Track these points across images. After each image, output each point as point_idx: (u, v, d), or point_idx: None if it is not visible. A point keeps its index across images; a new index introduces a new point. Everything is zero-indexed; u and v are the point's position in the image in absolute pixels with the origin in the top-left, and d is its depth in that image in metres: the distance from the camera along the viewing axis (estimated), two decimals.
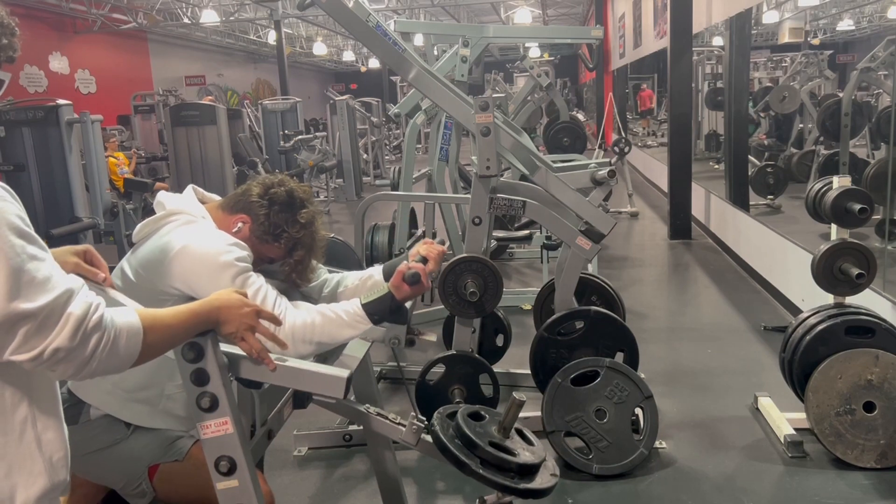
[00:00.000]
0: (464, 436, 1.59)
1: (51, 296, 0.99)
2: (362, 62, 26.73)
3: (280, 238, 1.80)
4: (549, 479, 1.62)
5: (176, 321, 1.24)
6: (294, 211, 1.81)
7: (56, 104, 5.34)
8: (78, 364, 1.04)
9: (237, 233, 1.79)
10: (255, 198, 1.81)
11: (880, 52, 6.31)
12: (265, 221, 1.79)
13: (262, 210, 1.79)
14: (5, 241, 0.95)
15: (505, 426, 1.64)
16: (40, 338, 0.99)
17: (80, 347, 1.02)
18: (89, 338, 1.03)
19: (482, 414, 1.73)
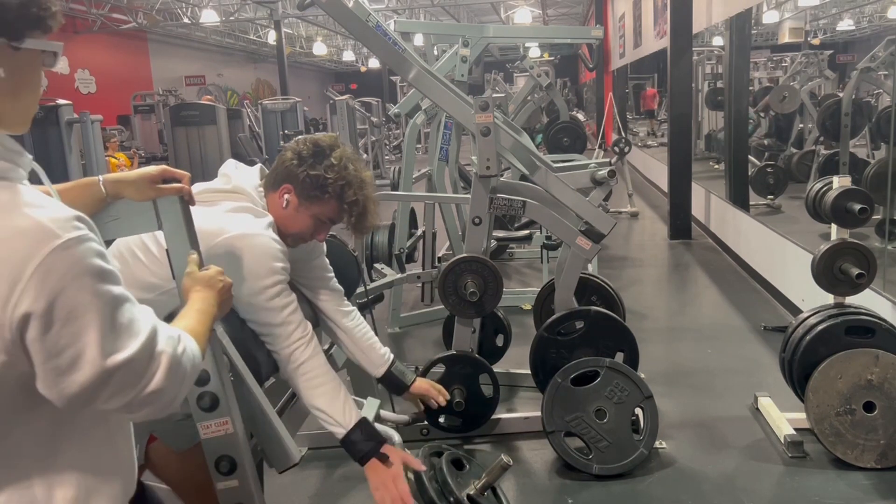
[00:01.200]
0: (443, 482, 1.64)
1: (140, 339, 0.94)
2: (362, 62, 26.74)
3: (326, 187, 1.77)
4: None
5: (204, 327, 1.21)
6: (326, 156, 1.79)
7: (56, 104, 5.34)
8: (166, 403, 1.00)
9: (287, 207, 1.78)
10: (288, 161, 1.80)
11: (880, 52, 6.31)
12: (305, 178, 1.77)
13: (299, 169, 1.78)
14: (91, 293, 0.88)
15: (485, 484, 1.69)
16: (135, 383, 0.94)
17: (171, 386, 0.98)
18: (177, 371, 0.99)
19: (464, 463, 1.78)
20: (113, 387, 0.92)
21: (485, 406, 3.07)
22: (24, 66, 0.97)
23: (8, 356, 0.87)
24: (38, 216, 0.86)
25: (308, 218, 1.79)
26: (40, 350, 0.87)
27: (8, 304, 0.84)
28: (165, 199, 1.34)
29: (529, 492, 2.76)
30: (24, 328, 0.85)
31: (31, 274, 0.83)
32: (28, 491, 0.94)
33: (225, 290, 1.33)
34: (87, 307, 0.87)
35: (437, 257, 5.02)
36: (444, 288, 2.89)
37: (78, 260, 0.87)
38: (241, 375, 1.51)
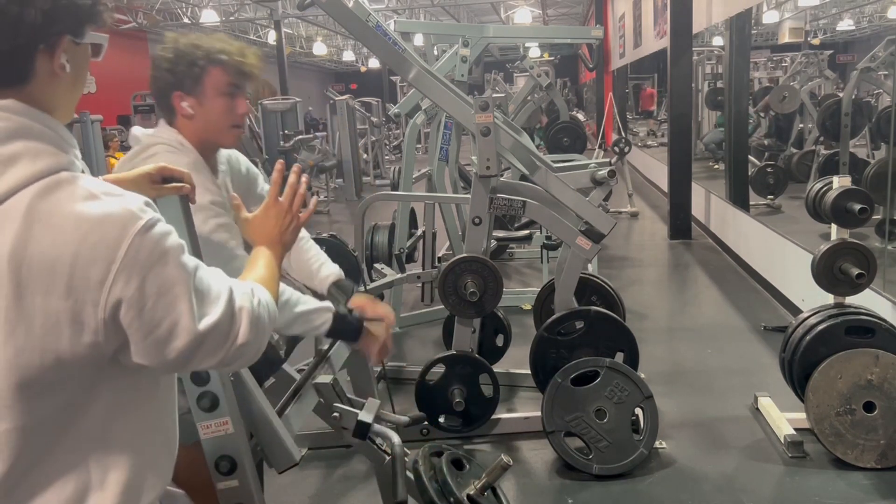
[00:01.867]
0: (443, 482, 1.65)
1: (223, 301, 1.00)
2: (362, 62, 26.74)
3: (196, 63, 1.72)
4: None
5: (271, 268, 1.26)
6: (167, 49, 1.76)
7: None
8: (251, 356, 1.06)
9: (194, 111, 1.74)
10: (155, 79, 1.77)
11: (880, 52, 6.31)
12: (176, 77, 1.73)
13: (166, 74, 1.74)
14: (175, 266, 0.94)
15: (485, 484, 1.68)
16: (224, 341, 1.00)
17: (256, 337, 1.04)
18: (258, 327, 1.05)
19: (464, 463, 1.78)
20: (206, 348, 0.98)
21: (485, 406, 3.07)
22: (81, 60, 1.02)
23: (96, 336, 0.91)
24: (122, 202, 0.91)
25: (213, 100, 1.74)
26: (139, 328, 0.92)
27: (104, 284, 0.89)
28: (166, 199, 1.33)
29: (529, 492, 2.76)
30: (118, 309, 0.90)
31: (123, 255, 0.89)
32: (84, 475, 0.97)
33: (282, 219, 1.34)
34: (174, 280, 0.93)
35: (437, 257, 5.02)
36: (444, 288, 2.90)
37: (159, 238, 0.93)
38: (241, 375, 1.51)
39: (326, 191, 11.04)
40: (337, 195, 11.14)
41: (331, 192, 11.00)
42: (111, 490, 0.99)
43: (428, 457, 1.73)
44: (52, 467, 0.95)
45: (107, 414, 0.98)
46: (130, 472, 1.01)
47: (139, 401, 1.03)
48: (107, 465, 0.99)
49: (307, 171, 10.06)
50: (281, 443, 1.53)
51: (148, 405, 1.05)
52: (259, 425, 1.52)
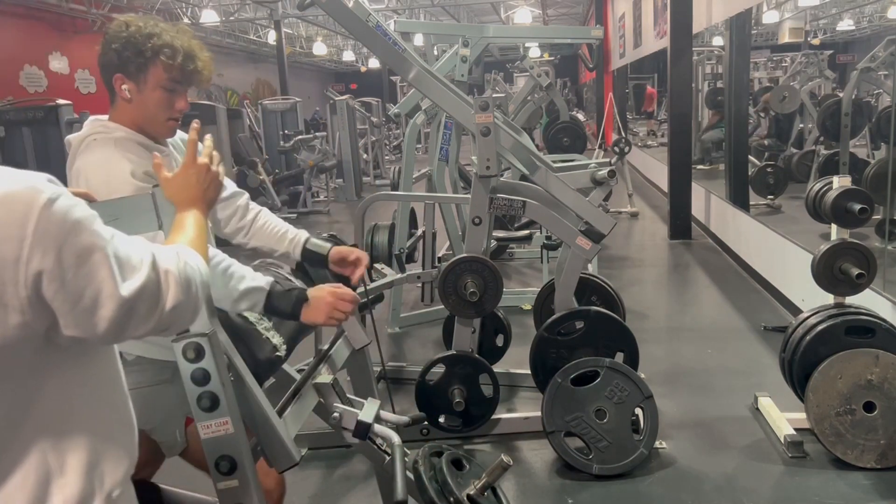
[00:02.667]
0: (444, 482, 1.65)
1: (146, 265, 1.00)
2: (362, 62, 26.73)
3: (143, 52, 1.71)
4: None
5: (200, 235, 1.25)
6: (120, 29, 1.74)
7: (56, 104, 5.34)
8: (189, 315, 1.07)
9: (131, 96, 1.74)
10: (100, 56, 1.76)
11: (880, 52, 6.31)
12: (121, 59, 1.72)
13: (111, 55, 1.73)
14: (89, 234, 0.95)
15: (485, 484, 1.68)
16: (155, 305, 1.00)
17: (188, 298, 1.05)
18: (189, 286, 1.05)
19: (464, 463, 1.78)
20: (137, 314, 0.98)
21: (485, 406, 3.07)
22: None
23: (23, 316, 0.91)
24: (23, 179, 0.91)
25: (153, 92, 1.74)
26: (64, 300, 0.92)
27: (20, 261, 0.89)
28: (138, 198, 1.34)
29: (529, 492, 2.76)
30: (39, 284, 0.90)
31: (33, 230, 0.89)
32: (43, 463, 0.98)
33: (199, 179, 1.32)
34: (90, 248, 0.93)
35: (437, 257, 5.02)
36: (444, 288, 2.90)
37: (67, 210, 0.93)
38: (241, 375, 1.51)
39: (326, 191, 11.04)
40: (337, 195, 11.14)
41: (331, 192, 11.00)
42: (72, 474, 1.00)
43: (428, 457, 1.73)
44: (10, 460, 0.96)
45: (58, 398, 0.99)
46: (89, 454, 1.02)
47: (87, 380, 1.04)
48: (64, 450, 1.00)
49: (307, 171, 10.08)
50: (281, 442, 1.53)
51: (96, 383, 1.06)
52: (259, 425, 1.52)
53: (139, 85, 1.73)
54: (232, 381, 1.47)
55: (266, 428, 1.52)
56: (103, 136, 1.72)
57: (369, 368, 2.14)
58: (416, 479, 1.68)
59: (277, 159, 10.82)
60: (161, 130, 1.79)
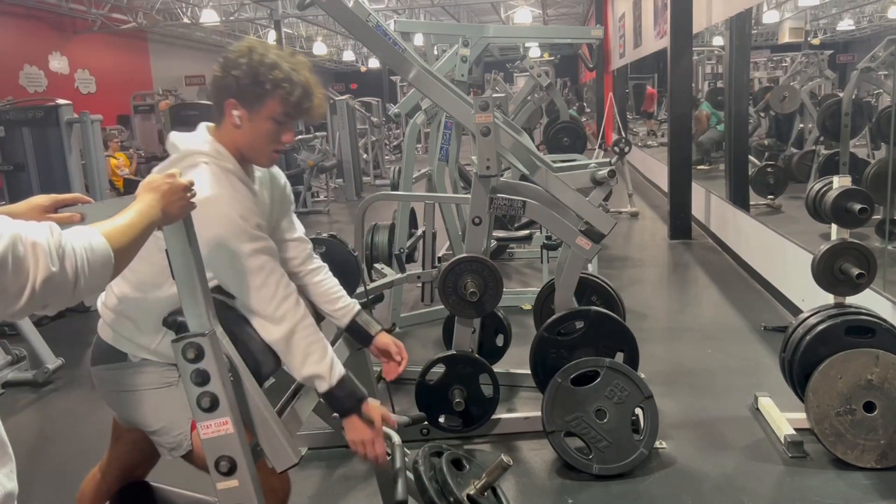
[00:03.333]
0: (444, 482, 1.66)
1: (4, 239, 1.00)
2: (362, 62, 26.72)
3: (263, 84, 1.70)
4: None
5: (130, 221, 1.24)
6: (244, 55, 1.73)
7: (56, 104, 5.33)
8: (67, 289, 1.05)
9: (241, 124, 1.72)
10: (217, 80, 1.75)
11: (880, 52, 6.31)
12: (238, 84, 1.70)
13: (230, 80, 1.71)
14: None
15: (485, 484, 1.68)
16: (22, 277, 1.00)
17: (61, 271, 1.04)
18: (63, 259, 1.04)
19: (464, 463, 1.79)
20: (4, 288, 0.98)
21: (485, 406, 3.07)
22: None
23: None
24: None
25: (263, 123, 1.73)
26: None
27: None
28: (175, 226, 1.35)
29: (529, 492, 2.76)
30: None
31: None
32: None
33: (171, 191, 1.33)
34: None
35: (437, 257, 5.02)
36: (444, 288, 2.89)
37: None
38: (241, 375, 1.51)
39: (326, 191, 11.03)
40: (337, 195, 11.14)
41: (331, 192, 11.00)
42: None
43: (428, 457, 1.73)
44: None
45: None
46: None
47: None
48: None
49: (307, 171, 10.07)
50: (281, 442, 1.53)
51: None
52: (259, 425, 1.52)
53: (251, 114, 1.73)
54: (232, 382, 1.47)
55: (266, 428, 1.52)
56: (216, 164, 1.70)
57: (369, 368, 2.14)
58: (416, 479, 1.68)
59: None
60: (262, 160, 1.79)
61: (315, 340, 1.69)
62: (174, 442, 1.77)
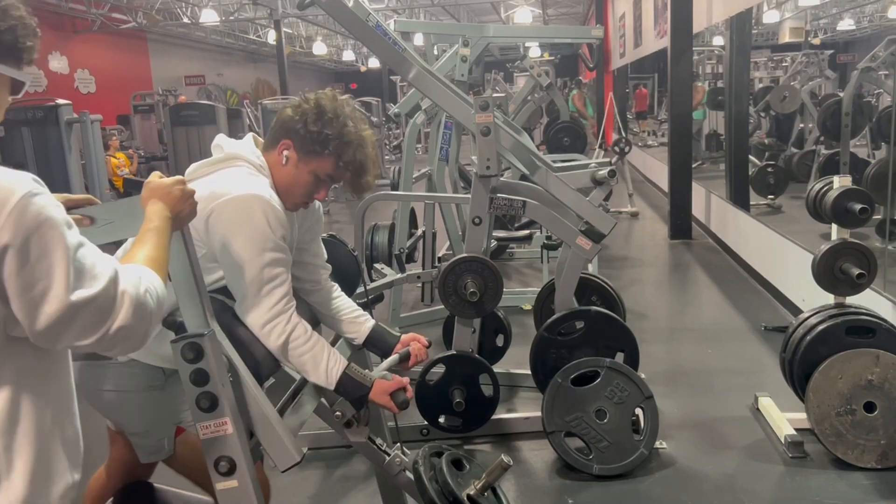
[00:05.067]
0: (444, 483, 1.65)
1: (103, 280, 1.02)
2: (362, 62, 26.72)
3: (325, 143, 1.73)
4: None
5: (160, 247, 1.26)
6: (325, 111, 1.76)
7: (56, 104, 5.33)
8: (137, 339, 1.08)
9: (286, 164, 1.75)
10: (288, 118, 1.77)
11: (880, 52, 6.31)
12: (305, 134, 1.74)
13: (298, 125, 1.74)
14: (59, 234, 0.99)
15: (485, 485, 1.68)
16: (102, 320, 1.02)
17: (139, 323, 1.06)
18: (142, 310, 1.07)
19: (464, 463, 1.78)
20: (80, 323, 1.00)
21: (485, 406, 3.06)
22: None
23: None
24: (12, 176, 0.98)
25: (307, 174, 1.76)
26: (16, 283, 0.96)
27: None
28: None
29: (529, 492, 2.75)
30: (2, 261, 0.95)
31: (8, 213, 0.95)
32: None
33: (182, 198, 1.35)
34: (54, 246, 0.98)
35: (437, 257, 5.02)
36: (444, 288, 2.89)
37: (43, 206, 0.98)
38: (241, 375, 1.51)
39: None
40: (337, 195, 11.11)
41: (331, 192, 10.96)
42: (18, 477, 1.01)
43: (428, 457, 1.72)
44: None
45: (12, 395, 1.01)
46: (37, 458, 1.03)
47: (42, 381, 1.07)
48: (13, 450, 1.01)
49: None
50: (281, 442, 1.53)
51: (51, 387, 1.08)
52: (259, 425, 1.52)
53: (300, 161, 1.76)
54: (231, 382, 1.47)
55: (266, 427, 1.52)
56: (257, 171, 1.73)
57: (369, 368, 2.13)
58: (416, 479, 1.68)
59: None
60: (290, 203, 1.79)
61: (305, 352, 1.70)
62: (155, 446, 1.76)
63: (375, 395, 1.76)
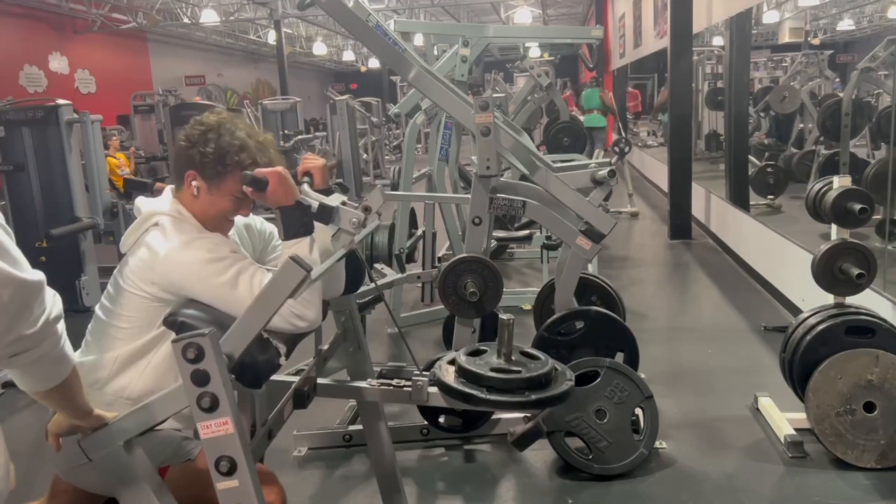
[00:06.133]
0: (466, 372, 1.60)
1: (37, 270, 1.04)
2: (362, 62, 26.72)
3: (223, 159, 1.71)
4: (563, 384, 1.62)
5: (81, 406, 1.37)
6: (214, 129, 1.73)
7: (56, 104, 5.33)
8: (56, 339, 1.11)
9: (198, 194, 1.73)
10: (181, 149, 1.76)
11: (880, 52, 6.31)
12: (202, 159, 1.71)
13: (192, 151, 1.72)
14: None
15: (504, 351, 1.64)
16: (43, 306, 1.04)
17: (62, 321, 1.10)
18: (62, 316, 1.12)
19: (482, 349, 1.72)
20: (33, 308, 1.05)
21: None
22: None
23: None
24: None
25: (223, 199, 1.74)
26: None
27: None
28: None
29: (529, 492, 2.76)
30: None
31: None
32: None
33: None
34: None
35: (437, 257, 5.02)
36: (444, 288, 2.89)
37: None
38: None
39: None
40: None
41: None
42: None
43: (445, 364, 1.68)
44: None
45: None
46: None
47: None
48: None
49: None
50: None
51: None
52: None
53: (210, 188, 1.74)
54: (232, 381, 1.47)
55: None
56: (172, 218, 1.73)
57: (369, 366, 2.14)
58: (439, 387, 1.63)
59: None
60: (216, 228, 1.78)
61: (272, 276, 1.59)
62: None
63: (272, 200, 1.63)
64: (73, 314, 5.10)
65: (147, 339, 1.69)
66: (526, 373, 1.60)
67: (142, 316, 1.67)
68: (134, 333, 1.69)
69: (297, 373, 2.06)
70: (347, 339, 2.12)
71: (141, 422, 1.51)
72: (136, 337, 1.69)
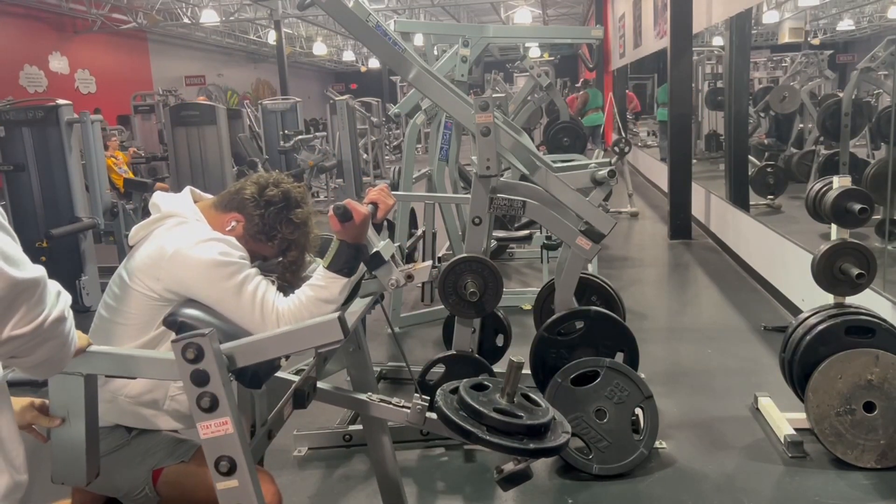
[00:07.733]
0: (468, 407, 1.59)
1: (39, 270, 1.02)
2: (362, 62, 26.73)
3: (274, 238, 1.78)
4: (560, 436, 1.61)
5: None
6: (289, 211, 1.79)
7: (56, 104, 5.32)
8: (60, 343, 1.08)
9: (230, 231, 1.77)
10: (249, 197, 1.78)
11: (880, 52, 6.31)
12: (259, 221, 1.77)
13: (257, 210, 1.77)
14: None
15: (508, 392, 1.63)
16: (40, 308, 1.01)
17: (67, 323, 1.07)
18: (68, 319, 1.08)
19: (485, 384, 1.72)
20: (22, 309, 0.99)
21: None
22: None
23: None
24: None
25: (248, 243, 1.79)
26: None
27: None
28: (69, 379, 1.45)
29: (529, 492, 2.75)
30: None
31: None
32: None
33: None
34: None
35: (437, 257, 5.02)
36: (444, 288, 2.89)
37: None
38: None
39: (326, 191, 11.03)
40: (337, 195, 11.13)
41: (331, 192, 11.00)
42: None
43: (447, 393, 1.68)
44: None
45: None
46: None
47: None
48: None
49: (307, 171, 10.07)
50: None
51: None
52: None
53: (243, 237, 1.78)
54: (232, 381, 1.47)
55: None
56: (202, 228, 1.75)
57: (369, 367, 2.14)
58: (440, 416, 1.63)
59: (277, 159, 10.82)
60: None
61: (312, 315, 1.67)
62: (142, 497, 1.76)
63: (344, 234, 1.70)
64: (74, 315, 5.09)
65: (147, 339, 1.69)
66: (528, 419, 1.60)
67: (143, 314, 1.68)
68: (134, 332, 1.69)
69: (297, 373, 2.06)
70: (347, 339, 2.12)
71: (115, 365, 1.49)
72: (136, 336, 1.69)
